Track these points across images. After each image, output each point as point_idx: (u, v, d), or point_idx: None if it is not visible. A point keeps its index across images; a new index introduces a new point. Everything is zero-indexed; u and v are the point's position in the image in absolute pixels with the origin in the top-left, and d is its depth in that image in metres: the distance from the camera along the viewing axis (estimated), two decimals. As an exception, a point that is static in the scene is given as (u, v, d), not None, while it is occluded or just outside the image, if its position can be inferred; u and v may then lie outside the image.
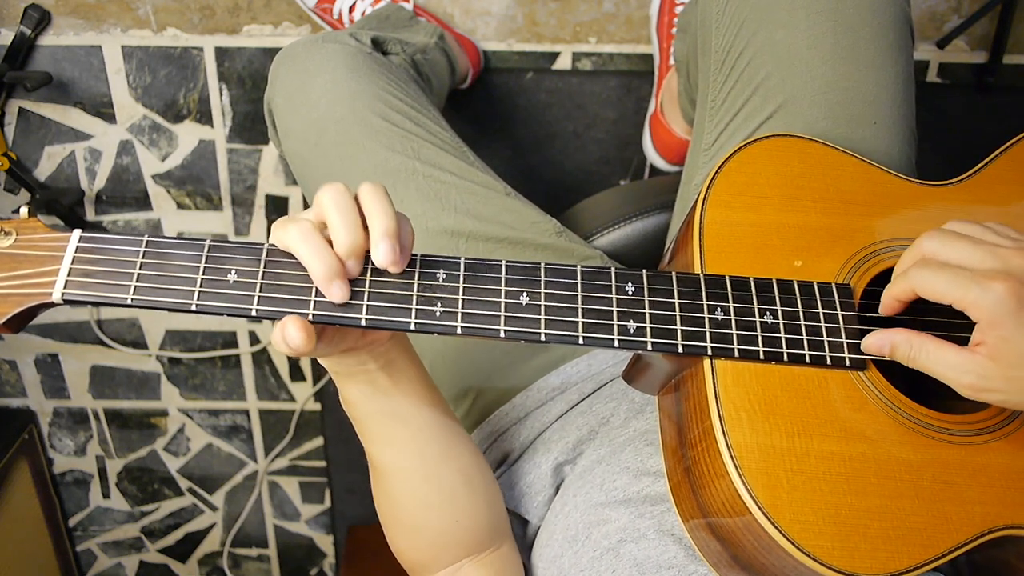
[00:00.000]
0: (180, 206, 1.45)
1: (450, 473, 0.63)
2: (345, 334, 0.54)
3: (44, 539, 1.65)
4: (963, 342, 0.50)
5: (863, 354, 0.54)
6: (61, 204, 1.34)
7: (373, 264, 0.52)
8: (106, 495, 1.72)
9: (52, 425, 1.64)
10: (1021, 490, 0.51)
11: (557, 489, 0.75)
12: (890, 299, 0.53)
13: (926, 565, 0.49)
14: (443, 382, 0.83)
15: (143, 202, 1.44)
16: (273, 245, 0.52)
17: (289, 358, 1.58)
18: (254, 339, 1.56)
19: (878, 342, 0.53)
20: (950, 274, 0.49)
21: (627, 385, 0.66)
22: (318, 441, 1.66)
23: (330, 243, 0.50)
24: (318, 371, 1.59)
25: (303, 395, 1.61)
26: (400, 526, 0.66)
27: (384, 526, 0.67)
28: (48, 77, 1.28)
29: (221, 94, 1.35)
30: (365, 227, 0.50)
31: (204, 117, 1.37)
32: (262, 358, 1.58)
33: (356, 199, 0.50)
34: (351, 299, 0.51)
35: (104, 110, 1.36)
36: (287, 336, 0.49)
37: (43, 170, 1.40)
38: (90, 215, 1.44)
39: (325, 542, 1.78)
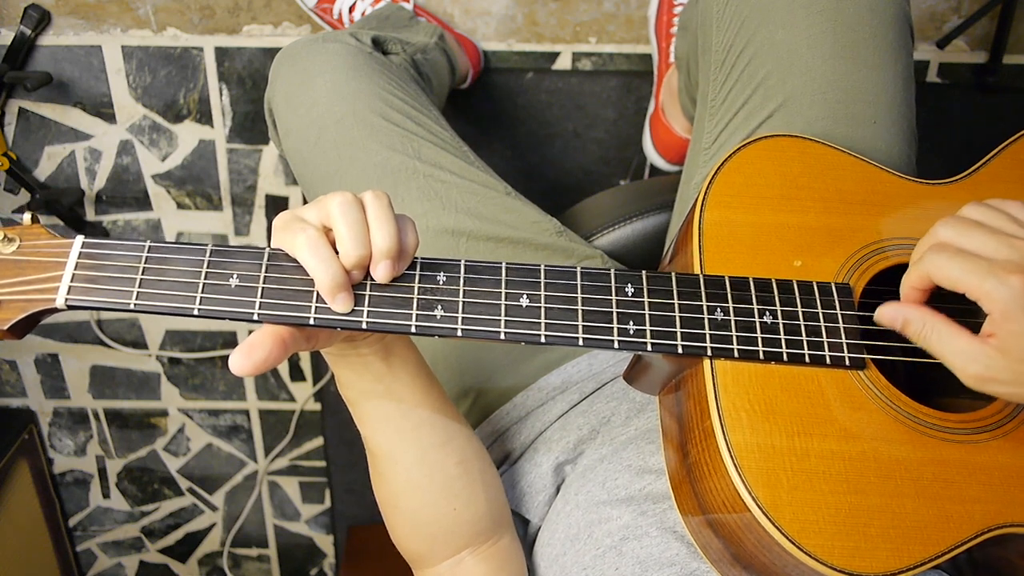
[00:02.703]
0: (180, 206, 1.45)
1: (445, 460, 0.63)
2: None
3: (44, 539, 1.65)
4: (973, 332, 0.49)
5: (863, 351, 0.54)
6: (61, 204, 1.34)
7: None
8: (106, 495, 1.72)
9: (52, 425, 1.64)
10: (1021, 488, 0.51)
11: (558, 489, 0.75)
12: (908, 289, 0.53)
13: (927, 563, 0.49)
14: (444, 382, 0.83)
15: (143, 202, 1.44)
16: (275, 249, 0.52)
17: (289, 357, 1.58)
18: (254, 339, 1.55)
19: (892, 313, 0.52)
20: (966, 262, 0.48)
21: (628, 385, 0.66)
22: (318, 441, 1.66)
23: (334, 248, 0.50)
24: (318, 371, 1.59)
25: (303, 395, 1.61)
26: (397, 512, 0.66)
27: (383, 514, 0.67)
28: (48, 77, 1.28)
29: (221, 94, 1.35)
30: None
31: (204, 117, 1.37)
32: (262, 358, 1.57)
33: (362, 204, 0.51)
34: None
35: (104, 110, 1.36)
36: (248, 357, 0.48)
37: (43, 170, 1.40)
38: (90, 215, 1.44)
39: (325, 542, 1.78)
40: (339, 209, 0.49)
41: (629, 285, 0.54)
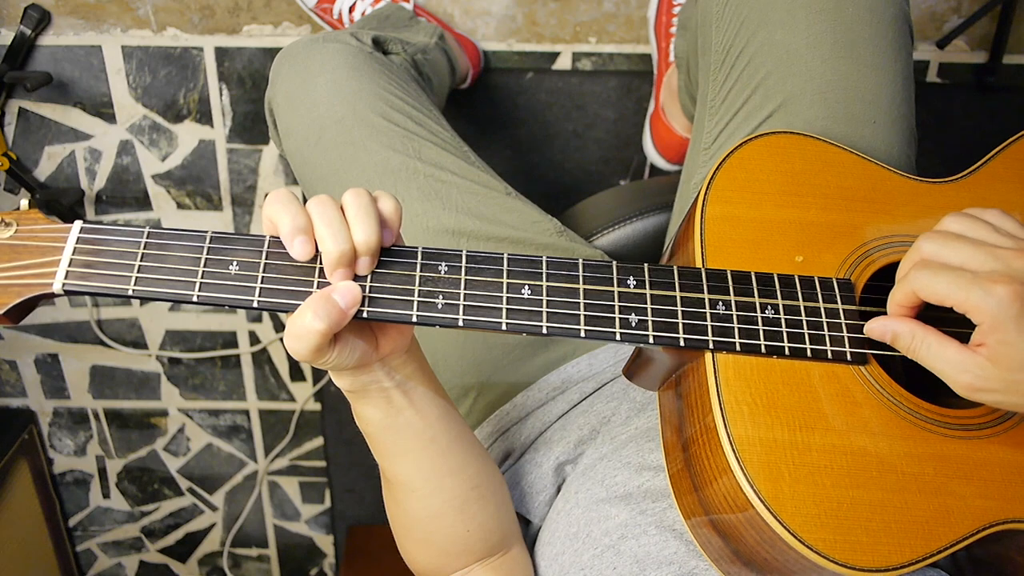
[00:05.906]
0: (180, 206, 1.45)
1: (461, 483, 0.63)
2: (358, 343, 0.53)
3: (44, 539, 1.65)
4: (964, 339, 0.50)
5: (864, 346, 0.54)
6: (61, 204, 1.34)
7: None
8: (106, 495, 1.72)
9: (52, 425, 1.64)
10: (1021, 484, 0.51)
11: (558, 489, 0.75)
12: (895, 306, 0.53)
13: (927, 559, 0.49)
14: (444, 381, 0.82)
15: (143, 202, 1.44)
16: (276, 237, 0.52)
17: (289, 357, 1.58)
18: (254, 339, 1.56)
19: (881, 327, 0.53)
20: (951, 276, 0.49)
21: (628, 384, 0.66)
22: (318, 441, 1.65)
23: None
24: (318, 371, 1.59)
25: (303, 395, 1.61)
26: (412, 536, 0.67)
27: (396, 535, 0.68)
28: (48, 77, 1.28)
29: (221, 94, 1.35)
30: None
31: (204, 117, 1.37)
32: (262, 358, 1.58)
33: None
34: None
35: (104, 110, 1.36)
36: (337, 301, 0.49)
37: (43, 170, 1.40)
38: (90, 215, 1.44)
39: (325, 542, 1.78)
40: (316, 208, 0.50)
41: (631, 277, 0.54)
